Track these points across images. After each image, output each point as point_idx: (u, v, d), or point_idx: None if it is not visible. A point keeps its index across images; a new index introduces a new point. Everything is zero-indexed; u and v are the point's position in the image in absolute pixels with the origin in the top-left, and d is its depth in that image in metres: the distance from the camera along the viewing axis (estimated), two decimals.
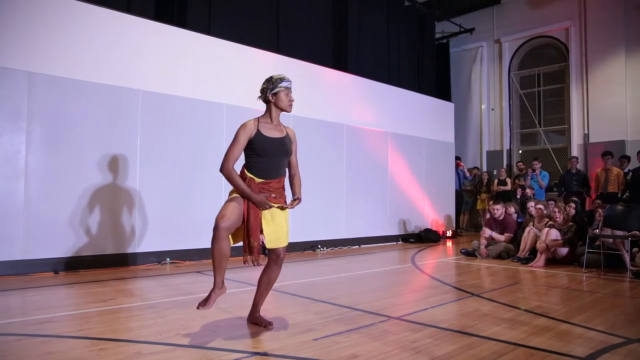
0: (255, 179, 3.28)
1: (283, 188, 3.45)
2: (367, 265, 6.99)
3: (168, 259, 6.50)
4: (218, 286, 3.15)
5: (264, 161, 3.30)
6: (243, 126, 3.29)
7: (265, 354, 2.81)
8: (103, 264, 5.93)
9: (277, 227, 3.37)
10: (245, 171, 3.33)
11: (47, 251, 5.53)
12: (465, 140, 13.93)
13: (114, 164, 6.11)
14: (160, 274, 5.81)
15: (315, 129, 8.44)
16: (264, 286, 3.52)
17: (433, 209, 10.93)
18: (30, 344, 2.96)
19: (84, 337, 3.11)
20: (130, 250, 6.21)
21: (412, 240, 10.06)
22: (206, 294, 3.14)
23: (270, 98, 3.46)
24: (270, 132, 3.35)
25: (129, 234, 6.21)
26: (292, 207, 3.40)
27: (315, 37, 9.65)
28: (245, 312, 3.89)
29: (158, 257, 6.43)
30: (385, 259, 7.72)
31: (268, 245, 3.37)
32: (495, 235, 7.63)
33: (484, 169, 13.31)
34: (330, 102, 8.83)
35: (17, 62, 5.47)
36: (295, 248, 7.96)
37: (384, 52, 11.12)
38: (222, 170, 3.24)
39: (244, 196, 3.18)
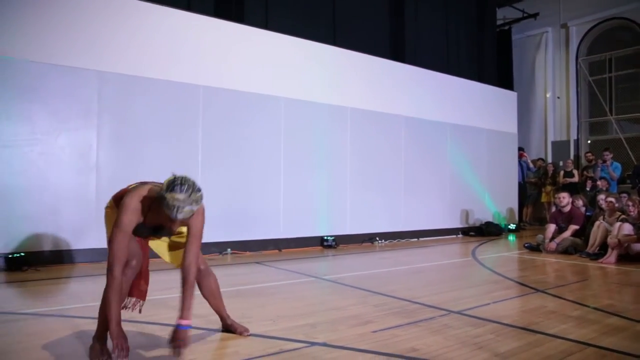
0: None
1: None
2: (426, 258, 6.89)
3: (229, 250, 6.67)
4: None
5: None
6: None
7: (324, 345, 2.83)
8: None
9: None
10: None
11: None
12: (529, 131, 13.40)
13: (177, 158, 6.33)
14: (222, 264, 5.98)
15: (373, 122, 8.39)
16: (212, 298, 3.07)
17: (495, 202, 10.61)
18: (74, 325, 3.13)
19: (153, 323, 3.25)
20: None
21: (472, 233, 9.81)
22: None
23: None
24: (155, 220, 2.58)
25: None
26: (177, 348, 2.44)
27: (372, 29, 9.56)
28: (304, 302, 3.94)
29: (219, 248, 6.62)
30: (445, 252, 7.58)
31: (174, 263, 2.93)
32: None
33: (549, 160, 12.77)
34: (388, 94, 8.73)
35: (88, 62, 5.76)
36: (353, 240, 7.97)
37: (442, 41, 10.87)
38: None
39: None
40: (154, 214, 2.52)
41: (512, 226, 10.54)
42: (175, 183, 2.46)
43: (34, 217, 5.39)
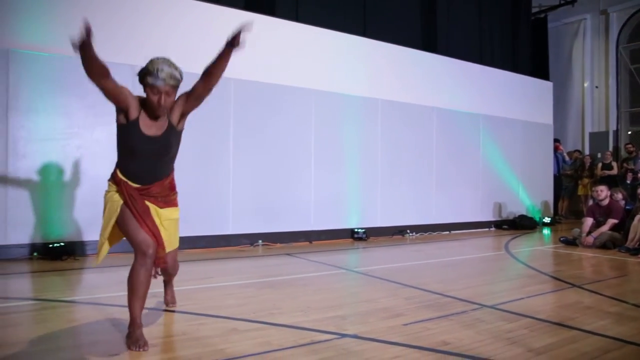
0: (130, 182, 2.70)
1: (170, 188, 2.89)
2: (458, 251, 6.81)
3: (260, 241, 6.74)
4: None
5: (136, 163, 2.71)
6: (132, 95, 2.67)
7: (355, 336, 2.84)
8: (200, 244, 6.27)
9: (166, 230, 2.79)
10: (118, 172, 2.74)
11: None
12: (565, 122, 13.04)
13: (208, 150, 6.41)
14: (253, 255, 6.05)
15: (404, 113, 8.31)
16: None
17: (529, 194, 10.39)
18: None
19: (185, 312, 3.32)
20: (224, 232, 6.51)
21: (505, 226, 9.64)
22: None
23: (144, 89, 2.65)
24: (148, 128, 2.66)
25: (224, 217, 6.51)
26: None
27: (403, 19, 9.43)
28: (334, 294, 3.96)
29: (250, 240, 6.69)
30: (477, 246, 7.48)
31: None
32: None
33: (586, 151, 12.41)
34: (419, 86, 8.63)
35: (123, 57, 5.86)
36: (384, 232, 7.95)
37: (475, 31, 10.64)
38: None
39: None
40: (145, 116, 2.66)
41: (547, 219, 10.30)
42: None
43: (73, 208, 5.56)
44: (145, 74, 2.62)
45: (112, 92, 2.60)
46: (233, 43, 2.64)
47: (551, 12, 13.11)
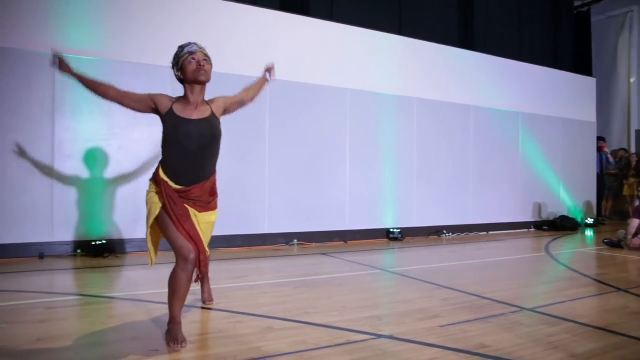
0: (170, 183, 2.70)
1: (211, 193, 2.86)
2: (496, 252, 6.68)
3: (295, 241, 6.78)
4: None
5: (179, 157, 2.71)
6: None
7: (391, 337, 2.82)
8: (236, 243, 6.35)
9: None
10: (160, 171, 2.74)
11: None
12: (610, 119, 12.58)
13: (245, 149, 6.48)
14: (289, 254, 6.09)
15: (440, 112, 8.20)
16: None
17: (571, 195, 10.08)
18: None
19: (222, 310, 3.37)
20: (260, 231, 6.58)
21: (545, 227, 9.39)
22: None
23: (180, 75, 2.79)
24: (189, 114, 2.72)
25: (260, 216, 6.57)
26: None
27: (439, 16, 9.30)
28: (370, 294, 3.94)
29: (286, 239, 6.74)
30: (516, 247, 7.31)
31: None
32: None
33: (632, 150, 11.93)
34: (456, 84, 8.49)
35: (164, 59, 6.00)
36: (420, 233, 7.86)
37: (514, 27, 10.39)
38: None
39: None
40: (183, 106, 2.75)
41: (590, 221, 9.96)
42: None
43: (115, 207, 5.73)
44: (178, 55, 2.81)
45: (132, 103, 2.79)
46: (267, 78, 3.29)
47: (595, 5, 12.66)
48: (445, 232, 8.08)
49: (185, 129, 2.68)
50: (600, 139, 11.35)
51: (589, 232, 9.21)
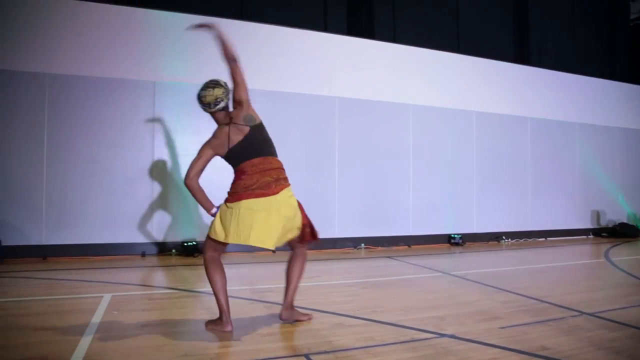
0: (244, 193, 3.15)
1: (277, 169, 3.18)
2: (554, 258, 6.34)
3: (362, 245, 6.79)
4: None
5: (247, 174, 3.16)
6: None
7: (453, 337, 2.77)
8: (308, 246, 6.43)
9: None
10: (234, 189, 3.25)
11: None
12: None
13: (316, 161, 6.59)
14: (356, 257, 6.10)
15: (499, 124, 7.95)
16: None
17: (630, 202, 9.38)
18: (257, 307, 3.39)
19: (297, 307, 3.42)
20: (330, 235, 6.64)
21: (604, 234, 8.79)
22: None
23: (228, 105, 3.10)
24: (233, 140, 3.09)
25: (330, 222, 6.64)
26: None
27: (496, 33, 9.05)
28: (433, 295, 3.88)
29: (354, 243, 6.76)
30: (575, 253, 6.90)
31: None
32: None
33: None
34: (513, 97, 8.20)
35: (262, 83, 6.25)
36: (480, 238, 7.63)
37: (569, 40, 9.89)
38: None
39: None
40: (227, 138, 3.09)
41: None
42: None
43: (203, 214, 6.00)
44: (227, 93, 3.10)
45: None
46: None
47: None
48: (504, 237, 7.78)
49: (242, 151, 3.27)
50: None
51: None
